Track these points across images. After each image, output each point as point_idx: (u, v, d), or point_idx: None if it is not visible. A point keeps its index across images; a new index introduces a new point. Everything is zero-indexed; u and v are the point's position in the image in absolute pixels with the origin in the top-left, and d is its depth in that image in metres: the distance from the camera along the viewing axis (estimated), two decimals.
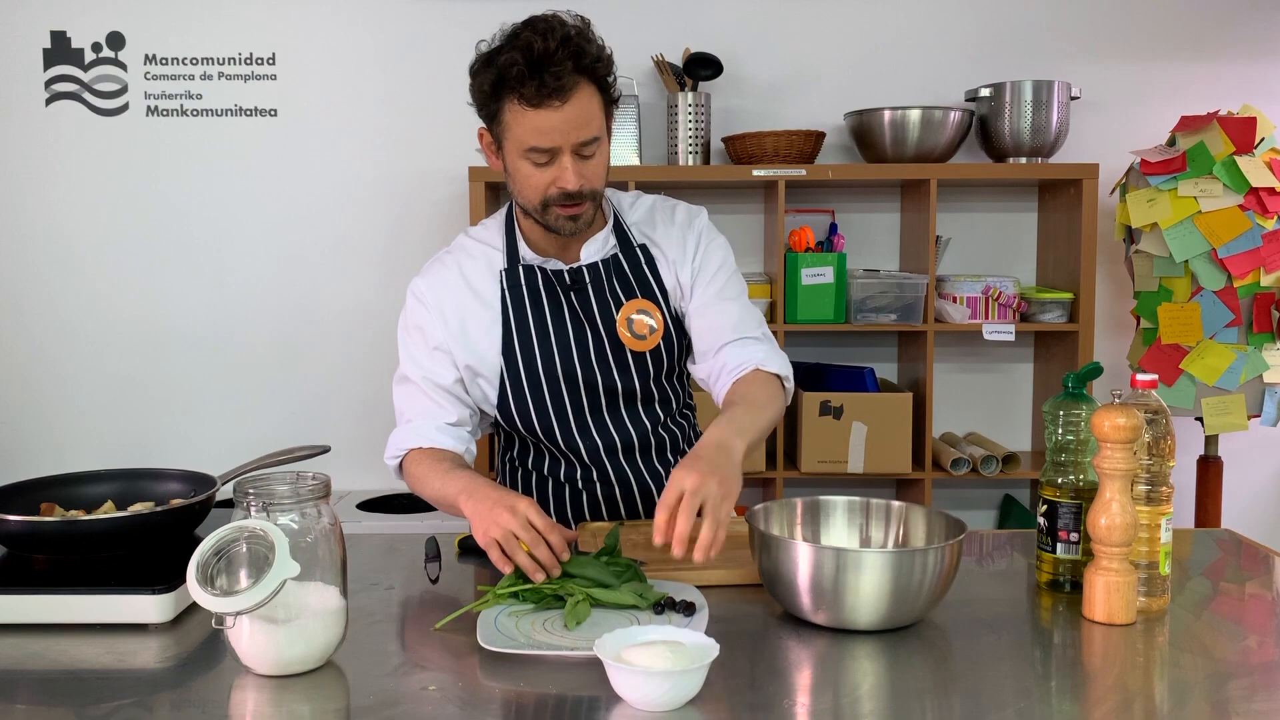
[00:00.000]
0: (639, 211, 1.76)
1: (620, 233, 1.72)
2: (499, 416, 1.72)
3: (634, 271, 1.70)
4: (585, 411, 1.70)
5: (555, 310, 1.67)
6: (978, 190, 3.21)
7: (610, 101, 1.58)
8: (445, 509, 1.56)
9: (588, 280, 1.68)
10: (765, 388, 1.62)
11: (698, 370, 1.74)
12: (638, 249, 1.71)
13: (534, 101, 1.48)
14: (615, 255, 1.70)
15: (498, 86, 1.50)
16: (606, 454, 1.72)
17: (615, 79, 1.58)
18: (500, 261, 1.69)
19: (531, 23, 1.50)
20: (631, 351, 1.68)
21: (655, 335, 1.69)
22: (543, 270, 1.68)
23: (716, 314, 1.70)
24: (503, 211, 1.75)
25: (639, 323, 1.68)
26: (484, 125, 1.60)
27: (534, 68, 1.46)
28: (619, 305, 1.69)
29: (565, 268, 1.68)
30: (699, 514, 1.31)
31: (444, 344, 1.67)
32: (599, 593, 1.30)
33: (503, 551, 1.37)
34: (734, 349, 1.67)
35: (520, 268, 1.68)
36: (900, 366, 3.25)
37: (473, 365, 1.68)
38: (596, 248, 1.69)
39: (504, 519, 1.37)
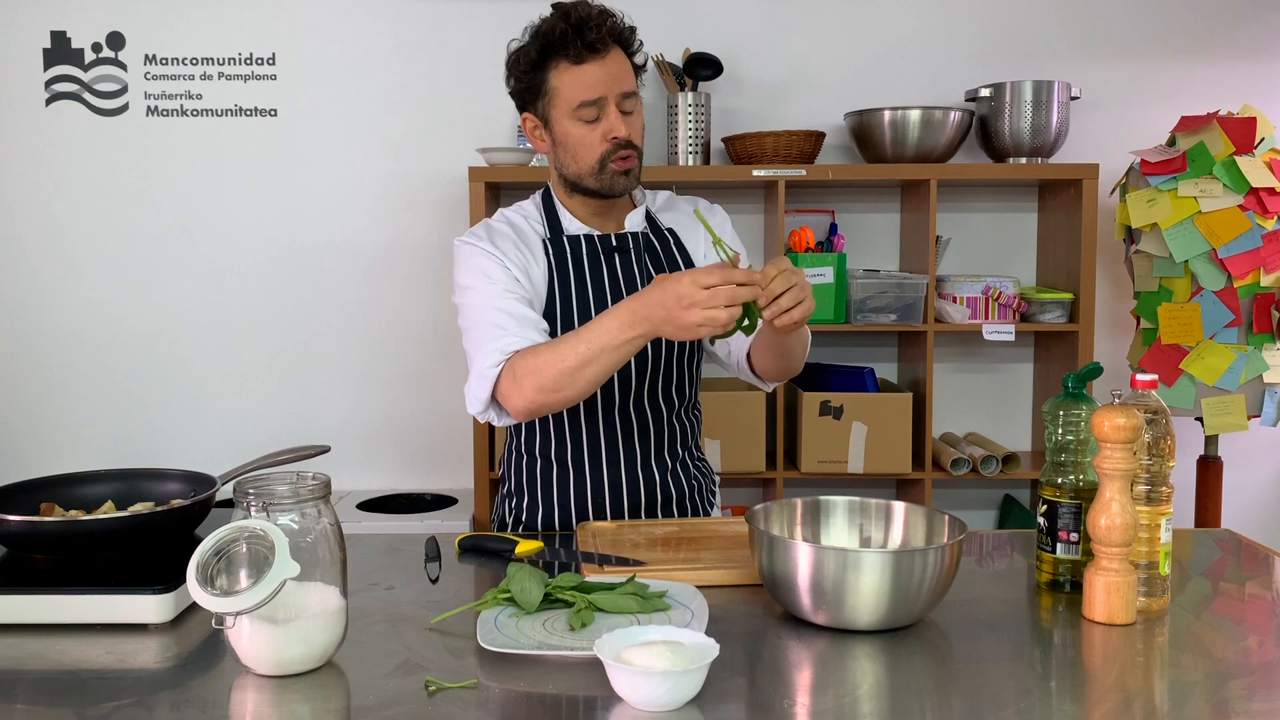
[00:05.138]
0: (659, 200, 1.90)
1: (648, 218, 1.85)
2: None
3: (664, 250, 1.83)
4: (613, 383, 1.74)
5: (596, 277, 1.75)
6: (978, 190, 3.21)
7: (638, 72, 1.72)
8: (604, 352, 1.52)
9: (630, 246, 1.79)
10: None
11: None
12: (665, 231, 1.85)
13: (579, 57, 1.63)
14: (647, 234, 1.81)
15: (544, 52, 1.65)
16: (622, 434, 1.77)
17: (641, 52, 1.72)
18: (543, 232, 1.78)
19: (559, 4, 1.66)
20: None
21: None
22: (588, 239, 1.77)
23: None
24: (537, 195, 1.83)
25: None
26: (527, 111, 1.72)
27: (576, 28, 1.62)
28: (650, 279, 1.77)
29: (611, 233, 1.79)
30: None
31: (518, 277, 1.70)
32: (599, 598, 1.30)
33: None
34: None
35: (565, 237, 1.77)
36: (900, 366, 3.24)
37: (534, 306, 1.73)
38: (637, 220, 1.82)
39: (684, 311, 1.41)
